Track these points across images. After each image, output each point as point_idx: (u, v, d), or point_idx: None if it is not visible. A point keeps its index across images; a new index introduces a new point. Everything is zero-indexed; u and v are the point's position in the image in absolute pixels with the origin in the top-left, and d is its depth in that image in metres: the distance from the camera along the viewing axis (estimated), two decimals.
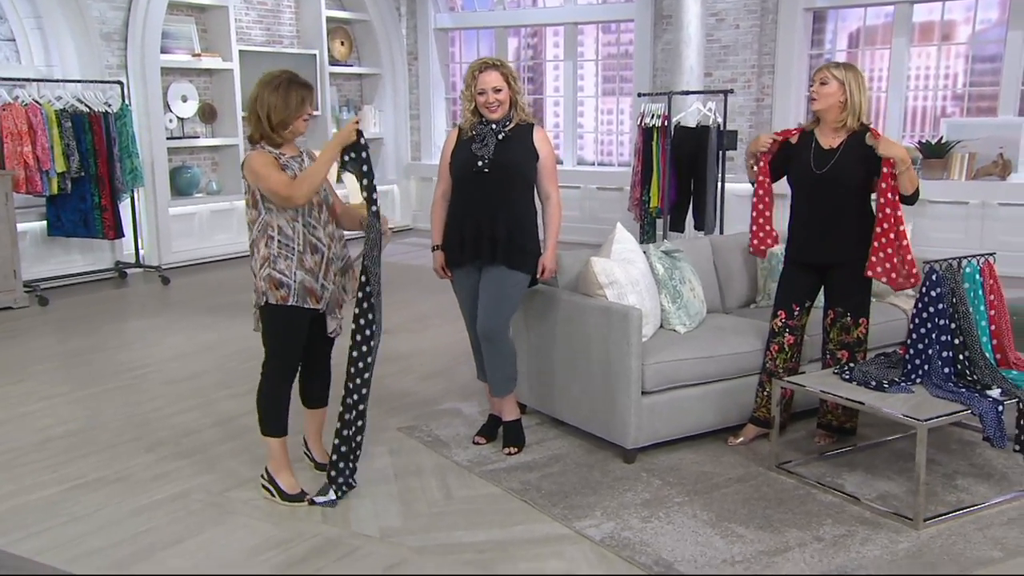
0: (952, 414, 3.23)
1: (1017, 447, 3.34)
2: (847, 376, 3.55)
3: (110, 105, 7.41)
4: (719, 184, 7.10)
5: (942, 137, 7.76)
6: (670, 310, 3.98)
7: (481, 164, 3.64)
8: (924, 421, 3.13)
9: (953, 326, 3.46)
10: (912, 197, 3.55)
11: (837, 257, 3.70)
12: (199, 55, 8.57)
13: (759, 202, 3.84)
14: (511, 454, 3.80)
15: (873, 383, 3.44)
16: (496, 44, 10.30)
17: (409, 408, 4.42)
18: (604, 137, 10.05)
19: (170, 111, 8.41)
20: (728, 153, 7.33)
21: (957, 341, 3.47)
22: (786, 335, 3.80)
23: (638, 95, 7.89)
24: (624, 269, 3.85)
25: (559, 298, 3.94)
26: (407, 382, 4.86)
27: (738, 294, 4.57)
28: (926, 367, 3.46)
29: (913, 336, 3.50)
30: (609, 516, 3.24)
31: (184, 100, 8.54)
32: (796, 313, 3.80)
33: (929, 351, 3.45)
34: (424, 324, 6.05)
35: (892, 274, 3.55)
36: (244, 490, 3.49)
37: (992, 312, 3.60)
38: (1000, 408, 3.25)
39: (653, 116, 7.19)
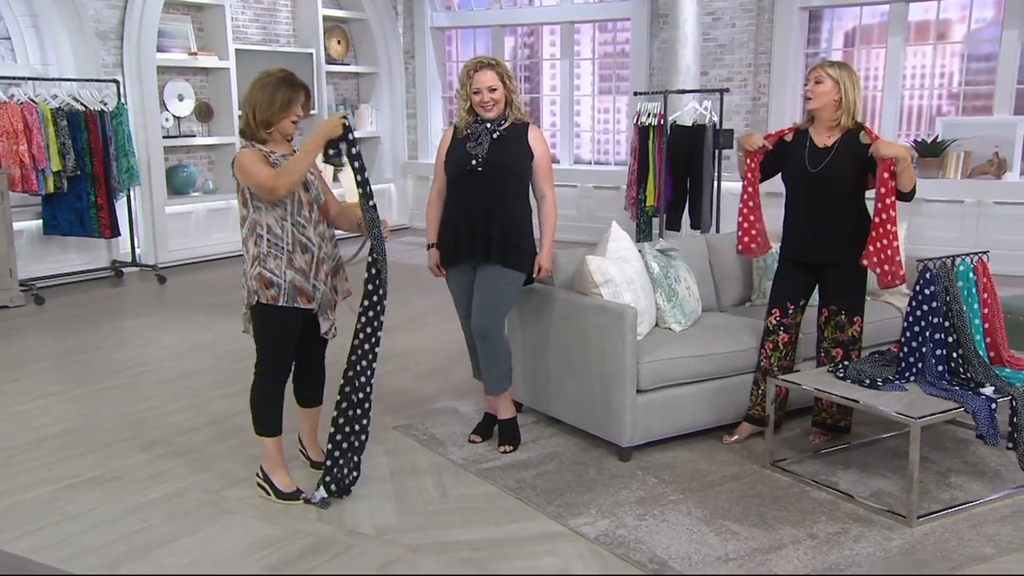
0: (946, 412, 3.24)
1: (1010, 445, 3.36)
2: (841, 374, 3.56)
3: (106, 104, 7.40)
4: (715, 183, 7.11)
5: (937, 136, 7.78)
6: (665, 308, 3.99)
7: (475, 163, 3.65)
8: (918, 419, 3.14)
9: (947, 324, 3.47)
10: (909, 194, 3.56)
11: (832, 255, 3.71)
12: (195, 54, 8.57)
13: (744, 205, 3.84)
14: (507, 452, 3.81)
15: (867, 381, 3.45)
16: (493, 43, 10.30)
17: (405, 407, 4.42)
18: (601, 136, 10.05)
19: (166, 110, 8.40)
20: (724, 152, 7.34)
21: (951, 339, 3.48)
22: (781, 333, 3.81)
23: (634, 94, 7.90)
24: (619, 267, 3.86)
25: (554, 296, 3.95)
26: (403, 381, 4.87)
27: (733, 292, 4.58)
28: (920, 365, 3.47)
29: (907, 334, 3.51)
30: (604, 514, 3.25)
31: (180, 99, 8.53)
32: (791, 311, 3.81)
33: (923, 349, 3.46)
34: (420, 323, 6.05)
35: (885, 266, 3.54)
36: (239, 489, 3.49)
37: (986, 310, 3.61)
38: (993, 406, 3.26)
39: (649, 115, 7.21)
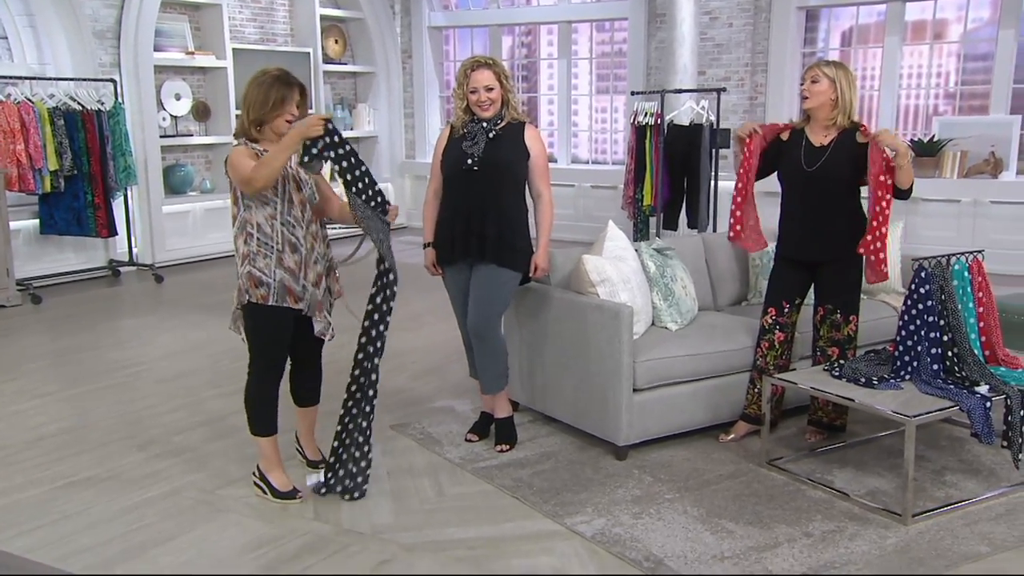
0: (941, 411, 3.25)
1: (1005, 443, 3.36)
2: (837, 373, 3.57)
3: (103, 103, 7.40)
4: (712, 182, 7.12)
5: (934, 135, 7.79)
6: (662, 307, 3.99)
7: (471, 162, 3.65)
8: (913, 417, 3.14)
9: (942, 323, 3.48)
10: (907, 192, 3.56)
11: (827, 254, 3.71)
12: (192, 53, 8.57)
13: (738, 195, 3.84)
14: (503, 451, 3.81)
15: (863, 380, 3.45)
16: (490, 42, 10.31)
17: (402, 406, 4.43)
18: (598, 135, 10.06)
19: (163, 109, 8.40)
20: (721, 151, 7.35)
21: (946, 338, 3.49)
22: (776, 332, 3.82)
23: (631, 93, 7.91)
24: (616, 267, 3.86)
25: (551, 296, 3.95)
26: (400, 380, 4.87)
27: (730, 292, 4.59)
28: (915, 364, 3.48)
29: (902, 333, 3.52)
30: (600, 512, 3.25)
31: (177, 98, 8.53)
32: (786, 310, 3.81)
33: (918, 348, 3.47)
34: (417, 322, 6.05)
35: (881, 254, 3.52)
36: (235, 488, 3.49)
37: (981, 309, 3.62)
38: (988, 404, 3.27)
39: (646, 114, 7.21)
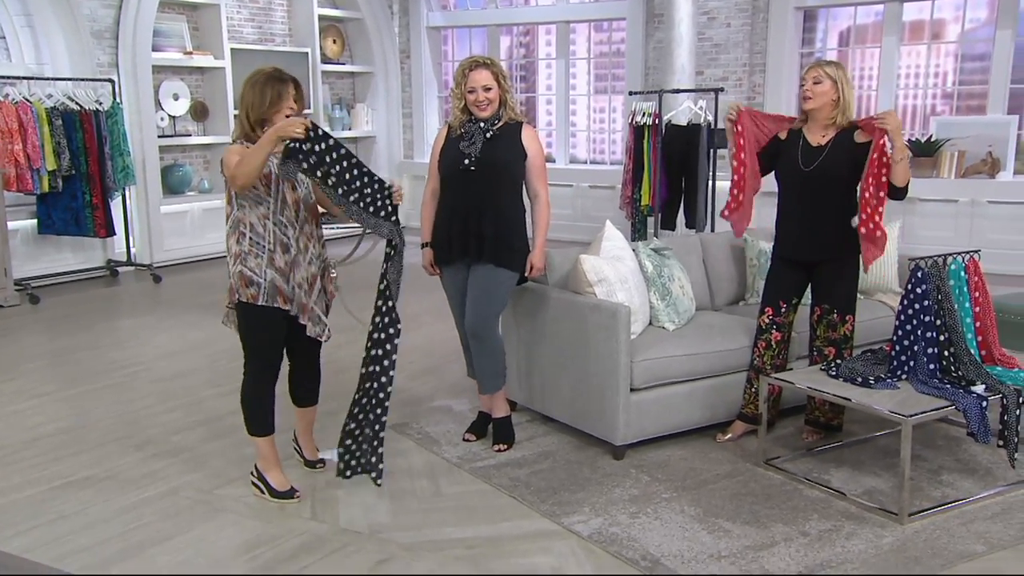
0: (937, 410, 3.26)
1: (1001, 442, 3.37)
2: (834, 373, 3.57)
3: (101, 103, 7.40)
4: (710, 182, 7.13)
5: (932, 135, 7.80)
6: (659, 307, 4.00)
7: (468, 162, 3.66)
8: (909, 417, 3.15)
9: (938, 323, 3.49)
10: (903, 191, 3.56)
11: (824, 254, 3.72)
12: (191, 53, 8.57)
13: (735, 172, 3.84)
14: (501, 451, 3.81)
15: (859, 379, 3.46)
16: (488, 42, 10.31)
17: (400, 406, 4.42)
18: (596, 135, 10.07)
19: (161, 109, 8.40)
20: (719, 151, 7.36)
21: (942, 338, 3.49)
22: (773, 332, 3.82)
23: (629, 93, 7.91)
24: (613, 267, 3.87)
25: (549, 295, 3.96)
26: (398, 380, 4.79)
27: (727, 291, 4.59)
28: (912, 363, 3.48)
29: (899, 333, 3.52)
30: (597, 512, 3.26)
31: (176, 98, 8.53)
32: (783, 310, 3.82)
33: (915, 348, 3.48)
34: (415, 322, 6.05)
35: (877, 235, 3.52)
36: (233, 487, 3.49)
37: (977, 309, 3.63)
38: (984, 404, 3.27)
39: (644, 114, 7.21)
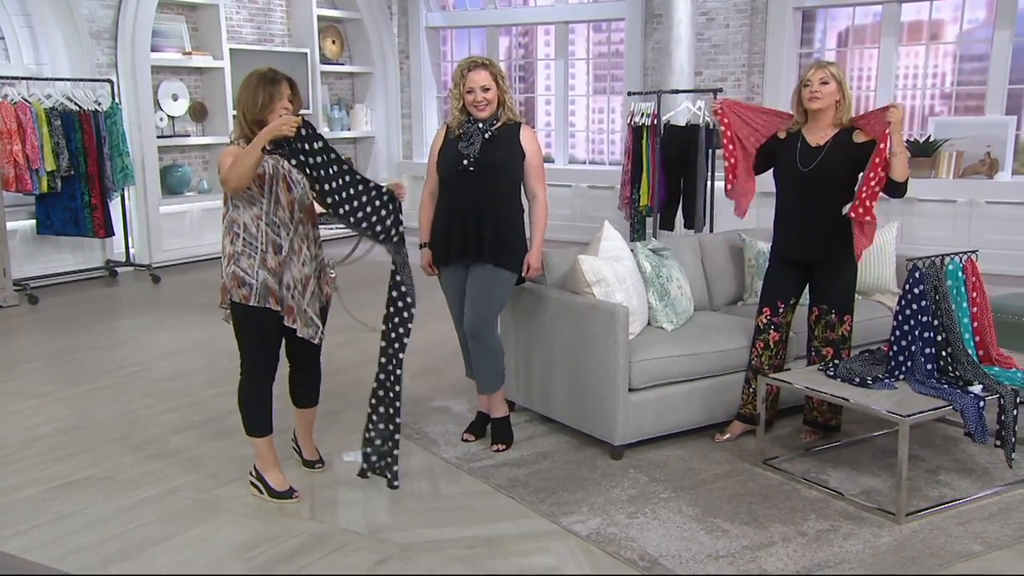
0: (934, 410, 3.27)
1: (998, 442, 3.38)
2: (832, 373, 3.58)
3: (100, 103, 7.40)
4: (708, 182, 7.13)
5: (930, 136, 7.81)
6: (657, 308, 4.01)
7: (467, 163, 3.66)
8: (907, 417, 3.16)
9: (936, 323, 3.49)
10: (902, 187, 3.56)
11: (823, 254, 3.73)
12: (189, 53, 8.57)
13: (729, 156, 3.90)
14: (499, 451, 3.82)
15: (857, 380, 3.47)
16: (487, 43, 10.32)
17: None
18: (595, 136, 10.07)
19: (160, 110, 8.40)
20: (717, 152, 7.36)
21: (940, 338, 3.50)
22: (771, 332, 3.83)
23: (628, 94, 7.92)
24: (612, 267, 3.87)
25: (547, 296, 3.96)
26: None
27: (726, 292, 4.60)
28: (909, 364, 3.49)
29: (896, 333, 3.53)
30: (596, 512, 3.26)
31: (175, 99, 8.53)
32: (781, 310, 3.83)
33: (912, 348, 3.48)
34: (414, 322, 6.05)
35: (867, 219, 3.53)
36: (232, 487, 3.50)
37: (975, 309, 3.64)
38: (981, 404, 3.28)
39: (643, 115, 7.22)
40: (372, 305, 6.39)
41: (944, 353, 3.50)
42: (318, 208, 3.38)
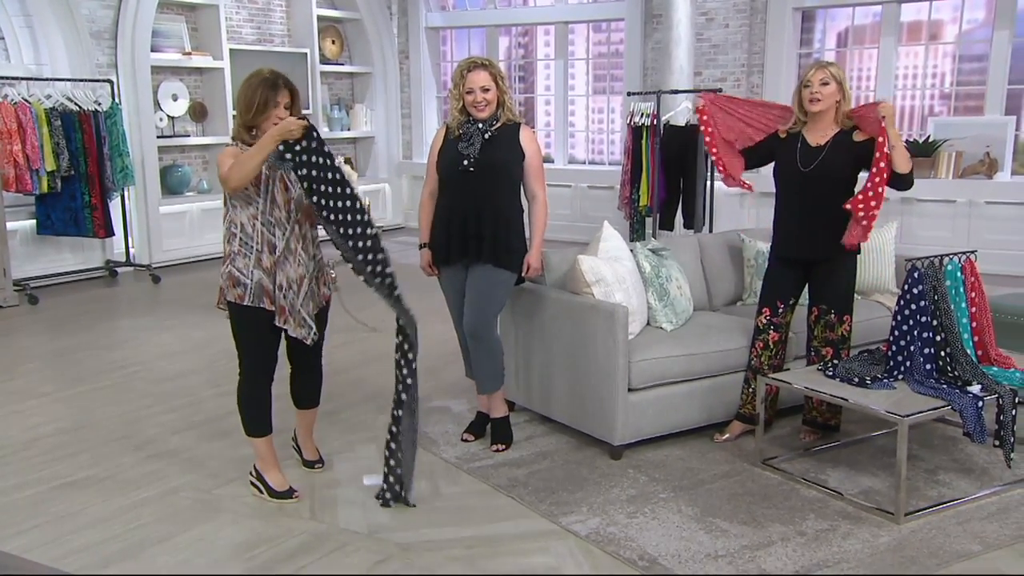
0: (933, 410, 3.28)
1: (997, 442, 3.38)
2: (831, 373, 3.58)
3: (100, 104, 7.41)
4: (708, 183, 7.14)
5: (929, 136, 7.82)
6: (657, 308, 4.01)
7: (467, 163, 3.67)
8: (906, 417, 3.16)
9: (935, 323, 3.50)
10: (907, 179, 3.55)
11: (822, 253, 3.73)
12: (189, 54, 8.57)
13: (711, 144, 3.94)
14: (499, 451, 3.82)
15: (856, 380, 3.47)
16: (487, 43, 10.32)
17: None
18: (595, 136, 10.08)
19: (160, 110, 8.41)
20: None
21: (939, 338, 3.51)
22: (771, 332, 3.84)
23: (628, 94, 7.93)
24: (611, 267, 3.88)
25: (546, 296, 3.97)
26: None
27: (725, 292, 4.60)
28: (908, 364, 3.50)
29: (895, 333, 3.54)
30: (595, 512, 3.27)
31: (175, 99, 8.54)
32: (781, 310, 3.83)
33: (911, 348, 3.49)
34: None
35: (861, 215, 3.54)
36: (232, 487, 3.50)
37: (973, 309, 3.64)
38: (980, 404, 3.29)
39: (642, 115, 7.23)
40: (372, 305, 6.39)
41: (943, 353, 3.51)
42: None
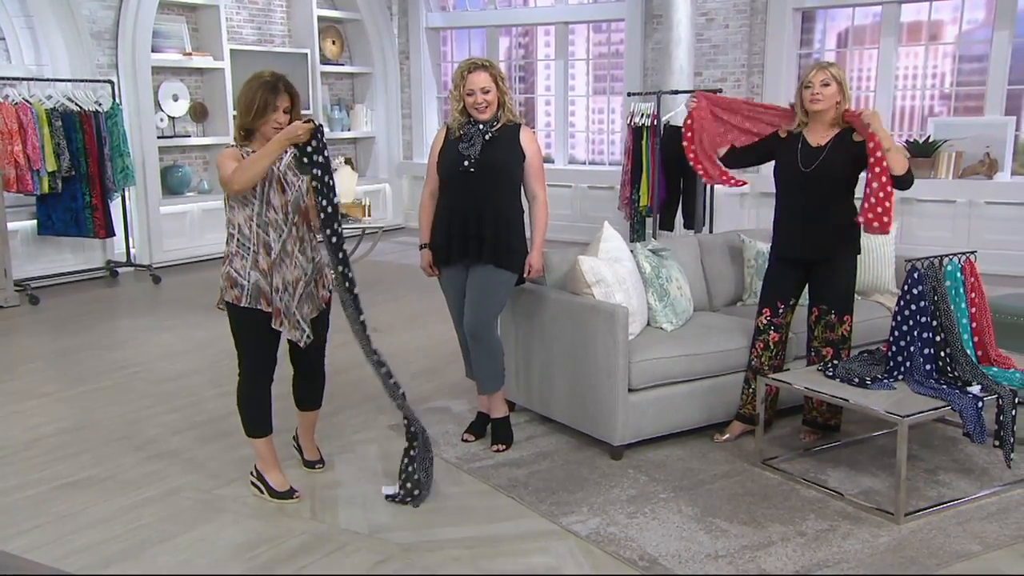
0: (933, 410, 3.28)
1: (996, 442, 3.39)
2: (831, 373, 3.59)
3: (101, 104, 7.41)
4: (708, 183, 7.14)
5: (929, 136, 7.82)
6: (657, 308, 4.02)
7: (467, 164, 3.67)
8: (905, 417, 3.17)
9: (935, 324, 3.50)
10: (904, 180, 3.55)
11: (823, 253, 3.73)
12: (190, 54, 8.58)
13: (689, 144, 4.13)
14: (499, 451, 3.83)
15: (856, 380, 3.48)
16: (487, 43, 10.33)
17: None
18: (595, 136, 10.08)
19: (161, 110, 8.41)
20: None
21: (938, 338, 3.51)
22: (771, 332, 3.84)
23: (628, 94, 7.93)
24: (611, 268, 3.89)
25: (547, 296, 3.97)
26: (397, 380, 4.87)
27: (725, 292, 4.61)
28: (908, 364, 3.50)
29: (895, 333, 3.54)
30: (595, 512, 3.27)
31: (175, 99, 8.54)
32: (781, 311, 3.84)
33: (911, 348, 3.49)
34: (414, 322, 6.07)
35: (878, 220, 3.56)
36: (233, 487, 3.51)
37: (973, 310, 3.65)
38: (980, 404, 3.29)
39: (643, 115, 7.23)
40: (373, 305, 6.41)
41: (943, 353, 3.51)
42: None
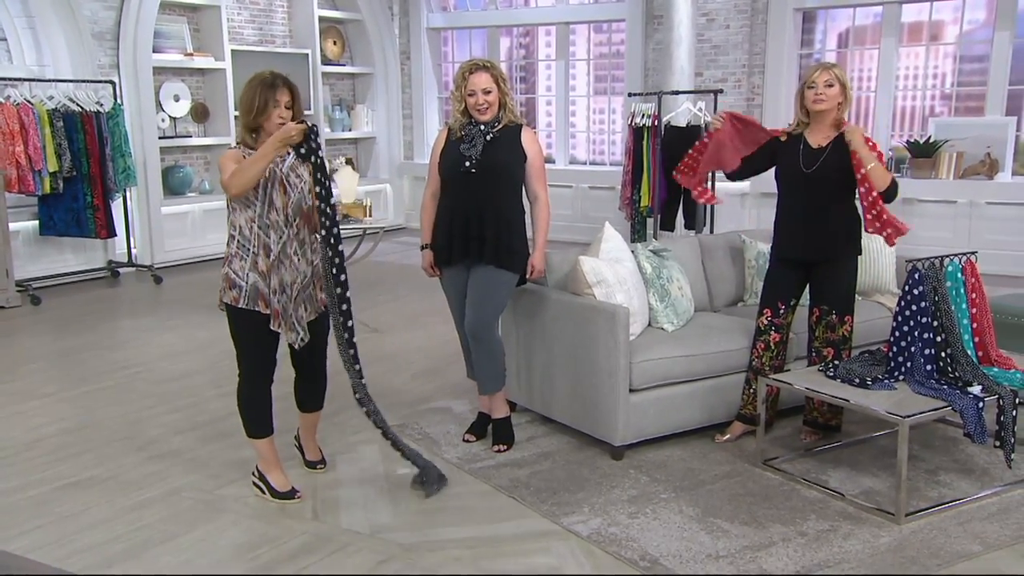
0: (934, 411, 3.28)
1: (997, 443, 3.39)
2: (832, 373, 3.59)
3: (102, 104, 7.43)
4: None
5: (930, 136, 7.83)
6: (658, 308, 4.02)
7: (469, 164, 3.68)
8: (906, 418, 3.17)
9: (935, 324, 3.51)
10: (889, 193, 3.57)
11: (824, 254, 3.74)
12: (191, 54, 8.59)
13: (693, 150, 4.02)
14: (500, 451, 3.83)
15: (857, 380, 3.48)
16: (488, 44, 10.33)
17: (400, 406, 4.45)
18: (596, 136, 10.09)
19: (162, 110, 8.42)
20: None
21: (939, 339, 3.51)
22: (772, 333, 3.84)
23: (629, 95, 7.94)
24: (612, 268, 3.89)
25: (548, 297, 3.98)
26: (398, 380, 4.89)
27: (726, 293, 4.61)
28: (909, 364, 3.50)
29: (896, 334, 3.54)
30: (596, 512, 3.28)
31: (176, 99, 8.55)
32: (782, 311, 3.84)
33: (912, 349, 3.50)
34: (415, 323, 6.08)
35: (885, 232, 3.59)
36: (235, 488, 3.51)
37: (974, 310, 3.65)
38: (981, 405, 3.29)
39: (643, 116, 7.24)
40: (374, 306, 6.42)
41: (943, 354, 3.51)
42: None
